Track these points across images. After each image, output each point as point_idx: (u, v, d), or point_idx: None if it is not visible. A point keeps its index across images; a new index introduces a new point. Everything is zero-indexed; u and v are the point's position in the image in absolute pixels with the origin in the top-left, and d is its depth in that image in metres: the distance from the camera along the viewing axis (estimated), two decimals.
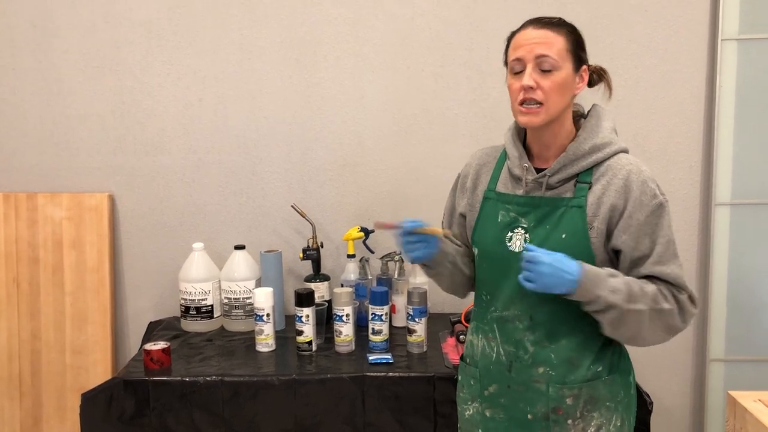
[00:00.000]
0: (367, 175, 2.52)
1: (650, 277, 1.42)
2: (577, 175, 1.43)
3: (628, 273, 1.43)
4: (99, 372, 2.50)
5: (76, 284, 2.50)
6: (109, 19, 2.46)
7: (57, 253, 2.50)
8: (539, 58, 1.38)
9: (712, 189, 2.45)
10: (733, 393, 1.43)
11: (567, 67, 1.39)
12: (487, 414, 1.53)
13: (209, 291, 2.37)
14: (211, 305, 2.37)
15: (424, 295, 2.11)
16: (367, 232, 2.43)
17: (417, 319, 2.11)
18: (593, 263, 1.40)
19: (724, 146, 2.44)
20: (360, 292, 2.33)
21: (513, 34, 1.47)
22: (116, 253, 2.56)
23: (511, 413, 1.49)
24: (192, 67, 2.48)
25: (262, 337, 2.16)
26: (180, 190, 2.54)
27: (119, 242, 2.56)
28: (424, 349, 2.13)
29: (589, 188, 1.41)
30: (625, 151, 1.47)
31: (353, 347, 2.16)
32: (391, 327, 2.20)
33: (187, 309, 2.37)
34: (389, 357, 2.06)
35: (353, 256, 2.44)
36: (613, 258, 1.45)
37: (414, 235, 1.47)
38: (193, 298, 2.35)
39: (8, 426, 2.52)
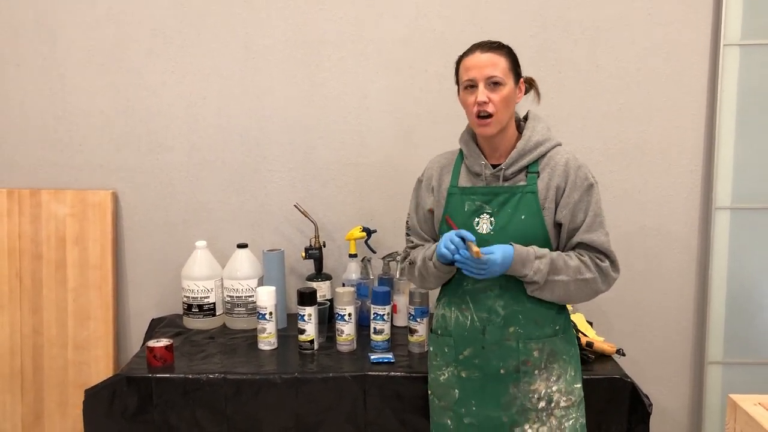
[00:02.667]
0: (369, 175, 2.53)
1: (581, 245, 1.71)
2: (527, 166, 1.73)
3: (565, 243, 1.74)
4: (101, 368, 2.51)
5: (79, 281, 2.51)
6: (113, 16, 2.47)
7: (60, 250, 2.51)
8: (489, 78, 1.66)
9: (712, 193, 2.46)
10: (733, 396, 1.43)
11: (510, 82, 1.69)
12: (463, 375, 1.77)
13: (212, 289, 2.38)
14: (214, 303, 2.38)
15: (425, 296, 2.13)
16: (369, 232, 2.44)
17: (418, 319, 2.12)
18: (547, 237, 1.72)
19: (724, 150, 2.45)
20: (362, 291, 2.34)
21: (461, 57, 1.73)
22: (119, 250, 2.57)
23: (486, 371, 1.74)
24: (196, 65, 2.49)
25: (265, 335, 2.18)
26: (183, 188, 2.55)
27: (122, 239, 2.57)
28: (425, 349, 2.14)
29: (538, 176, 1.72)
30: (560, 145, 1.76)
31: (355, 346, 2.17)
32: (392, 327, 2.21)
33: (189, 306, 2.38)
34: (391, 356, 2.07)
35: (355, 255, 2.45)
36: (558, 231, 1.74)
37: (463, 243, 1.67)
38: (196, 295, 2.36)
39: (9, 421, 2.53)
